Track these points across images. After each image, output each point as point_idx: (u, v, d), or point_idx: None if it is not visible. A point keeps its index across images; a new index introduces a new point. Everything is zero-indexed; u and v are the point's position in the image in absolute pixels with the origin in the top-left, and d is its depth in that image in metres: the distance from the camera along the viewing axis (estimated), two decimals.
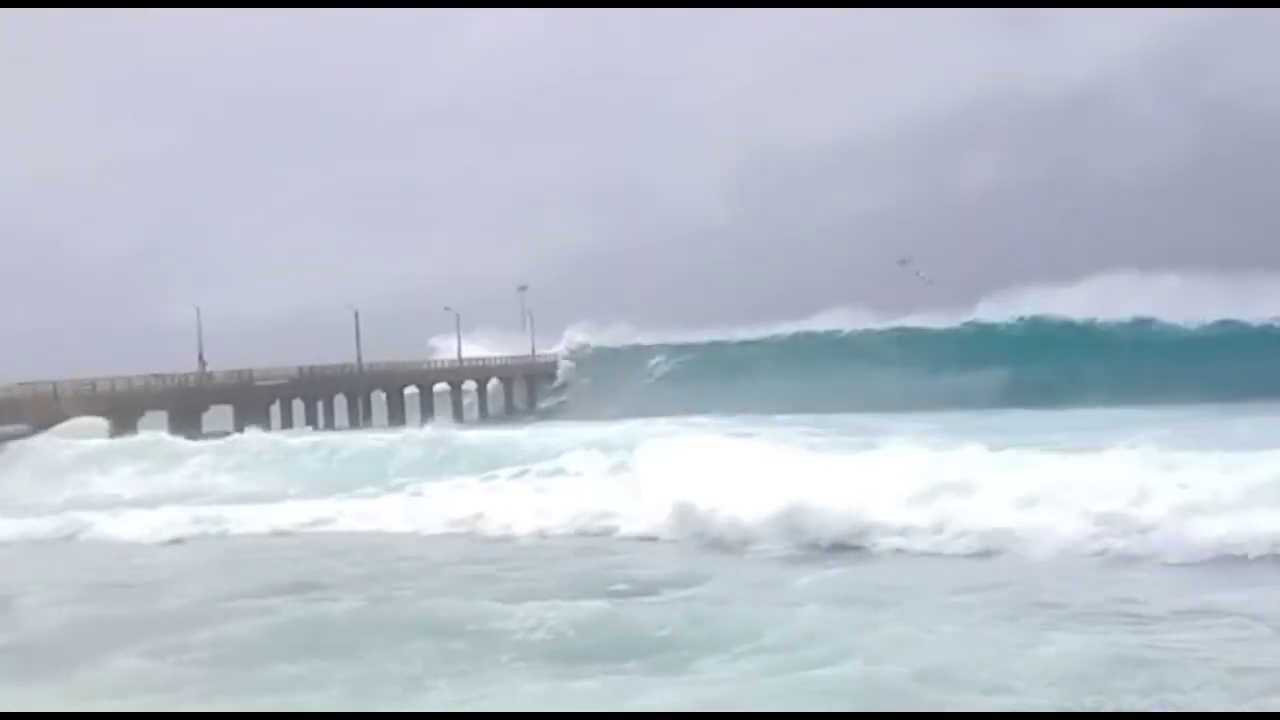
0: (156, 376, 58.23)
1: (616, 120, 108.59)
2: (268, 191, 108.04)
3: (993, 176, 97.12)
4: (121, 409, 54.95)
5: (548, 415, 65.11)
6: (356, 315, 68.05)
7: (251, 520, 26.69)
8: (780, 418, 44.30)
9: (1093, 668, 11.90)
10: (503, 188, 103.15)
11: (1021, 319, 61.46)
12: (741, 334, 67.84)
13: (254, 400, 60.55)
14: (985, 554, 19.17)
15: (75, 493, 37.18)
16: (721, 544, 21.02)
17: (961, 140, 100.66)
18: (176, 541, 24.98)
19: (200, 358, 60.87)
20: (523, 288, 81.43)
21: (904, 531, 20.41)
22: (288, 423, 61.70)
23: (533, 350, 77.93)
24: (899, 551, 19.92)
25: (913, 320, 63.10)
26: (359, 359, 67.33)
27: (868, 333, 64.27)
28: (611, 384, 64.24)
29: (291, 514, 27.29)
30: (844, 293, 66.22)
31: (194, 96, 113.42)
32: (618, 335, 70.54)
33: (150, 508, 29.59)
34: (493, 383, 73.69)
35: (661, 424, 41.06)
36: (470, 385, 71.54)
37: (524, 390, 75.98)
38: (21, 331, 73.06)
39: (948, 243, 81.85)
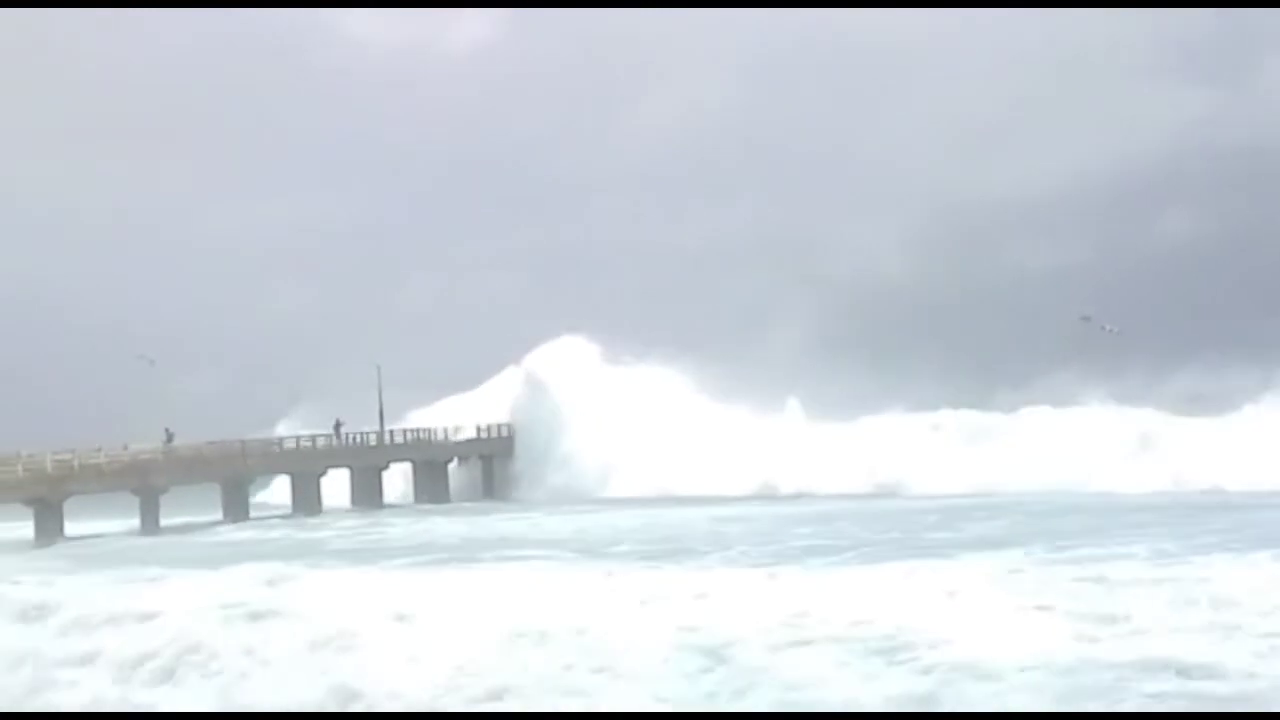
0: (341, 435, 58.74)
1: (794, 180, 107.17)
2: (445, 254, 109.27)
3: (1188, 232, 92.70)
4: (304, 467, 55.71)
5: None
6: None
7: None
8: None
9: None
10: (676, 248, 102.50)
11: None
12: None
13: (433, 459, 60.76)
14: None
15: None
16: None
17: (1156, 194, 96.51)
18: None
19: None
20: None
21: None
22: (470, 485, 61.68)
23: None
24: None
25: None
26: None
27: None
28: None
29: None
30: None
31: (377, 162, 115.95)
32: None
33: None
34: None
35: None
36: None
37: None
38: (214, 390, 74.93)
39: (1141, 301, 77.90)
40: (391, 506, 56.32)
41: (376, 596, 19.40)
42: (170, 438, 54.36)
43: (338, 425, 58.77)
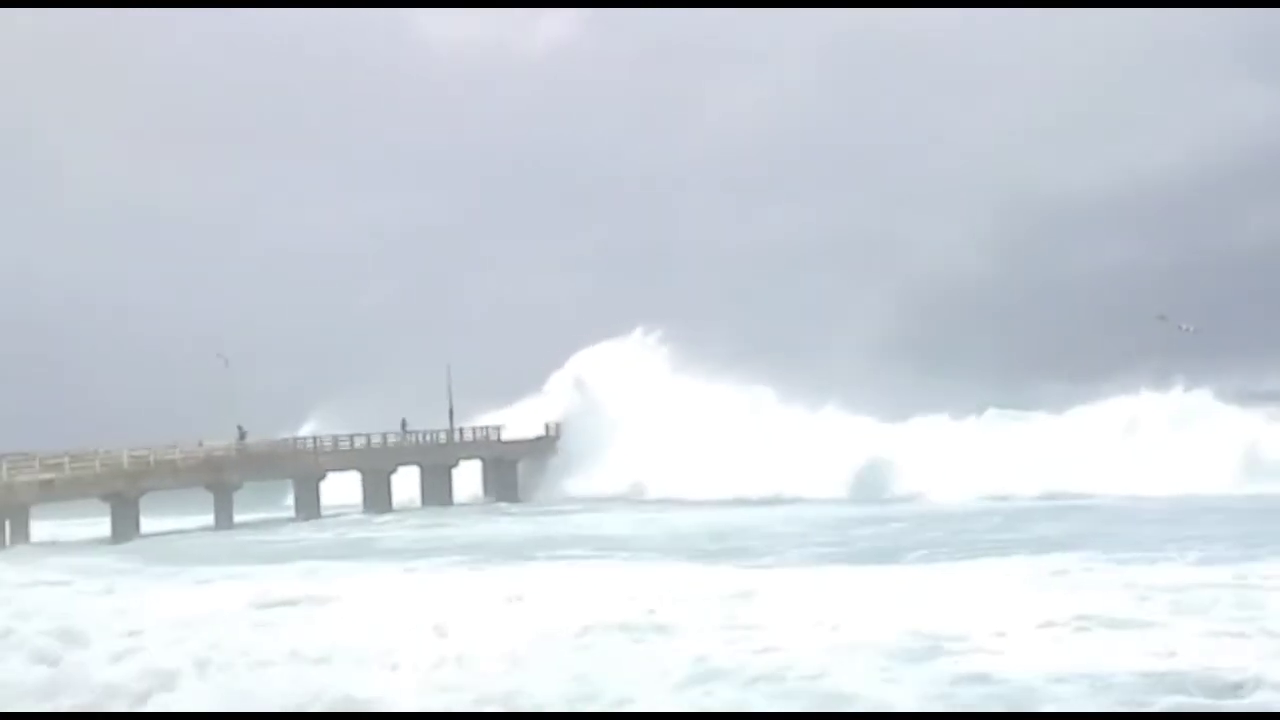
0: (407, 434, 59.35)
1: (865, 178, 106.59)
2: (513, 255, 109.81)
3: (1263, 229, 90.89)
4: (374, 465, 56.35)
5: None
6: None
7: None
8: None
9: None
10: (746, 247, 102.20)
11: None
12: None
13: (501, 457, 61.21)
14: None
15: None
16: None
17: (1230, 192, 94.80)
18: None
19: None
20: None
21: None
22: (531, 484, 62.03)
23: None
24: None
25: None
26: None
27: None
28: None
29: None
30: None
31: (448, 163, 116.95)
32: None
33: None
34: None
35: None
36: None
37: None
38: (286, 387, 75.93)
39: (1213, 299, 76.32)
40: (461, 505, 56.86)
41: (416, 600, 19.67)
42: (243, 435, 55.23)
43: (404, 424, 59.44)
